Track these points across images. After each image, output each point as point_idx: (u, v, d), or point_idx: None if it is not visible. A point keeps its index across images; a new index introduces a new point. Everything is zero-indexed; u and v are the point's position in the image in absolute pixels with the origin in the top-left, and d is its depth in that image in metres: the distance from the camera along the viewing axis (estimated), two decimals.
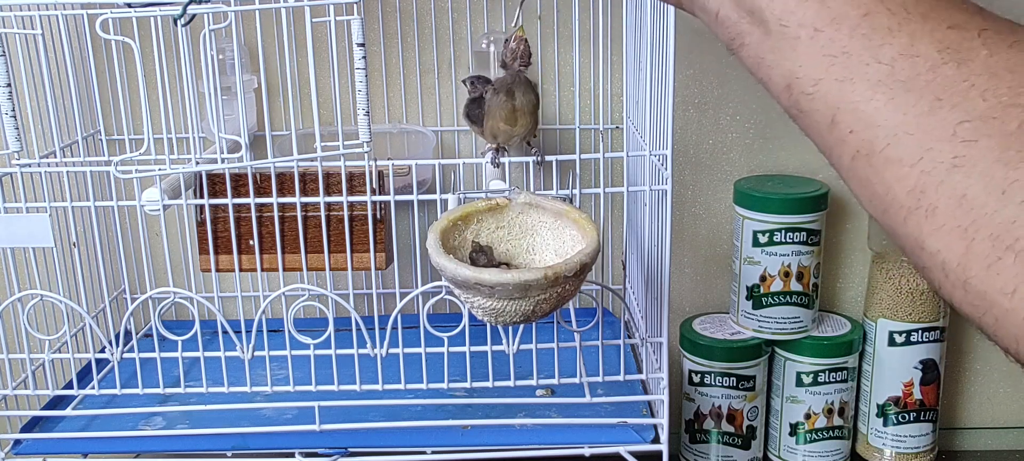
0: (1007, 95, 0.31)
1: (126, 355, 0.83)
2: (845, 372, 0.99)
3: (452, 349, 0.80)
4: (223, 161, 0.76)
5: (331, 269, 0.82)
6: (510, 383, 0.83)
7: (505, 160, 0.85)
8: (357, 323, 0.79)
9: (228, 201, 0.81)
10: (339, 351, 0.80)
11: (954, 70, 0.32)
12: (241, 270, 0.83)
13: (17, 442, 0.83)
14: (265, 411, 0.86)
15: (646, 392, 0.87)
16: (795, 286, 0.95)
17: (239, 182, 0.81)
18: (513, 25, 0.79)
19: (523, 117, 0.79)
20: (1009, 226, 0.30)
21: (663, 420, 0.81)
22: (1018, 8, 0.43)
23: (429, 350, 0.80)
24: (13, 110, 0.74)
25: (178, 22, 0.68)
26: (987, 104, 0.31)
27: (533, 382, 0.84)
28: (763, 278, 0.95)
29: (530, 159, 0.84)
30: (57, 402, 0.88)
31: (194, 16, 0.69)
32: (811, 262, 0.95)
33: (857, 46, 0.34)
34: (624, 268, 0.99)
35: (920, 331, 0.98)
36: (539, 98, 0.83)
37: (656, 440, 0.81)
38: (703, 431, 0.99)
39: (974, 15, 0.33)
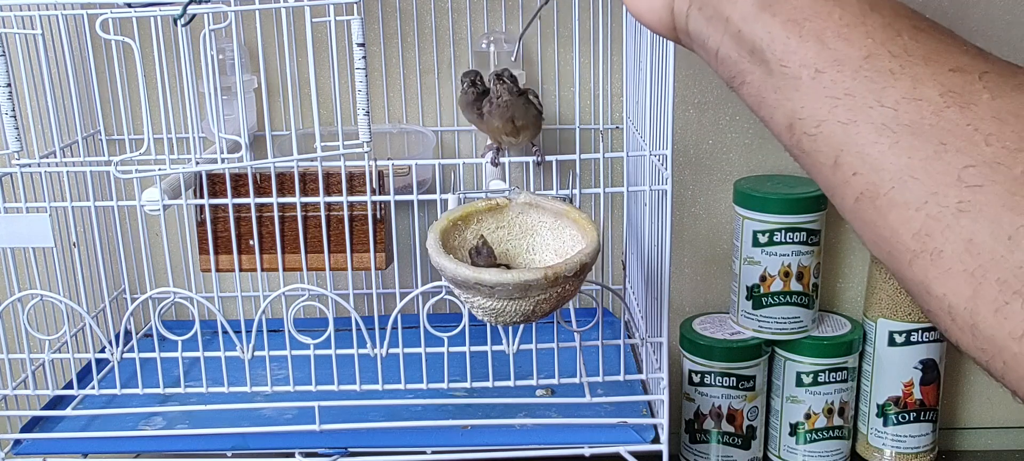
0: (1012, 140, 0.31)
1: (126, 355, 0.83)
2: (845, 372, 0.99)
3: (452, 349, 0.80)
4: (223, 161, 0.76)
5: (331, 269, 0.82)
6: (510, 383, 0.83)
7: (505, 160, 0.85)
8: (357, 323, 0.79)
9: (228, 201, 0.81)
10: (339, 351, 0.80)
11: (958, 114, 0.32)
12: (241, 270, 0.83)
13: (17, 442, 0.83)
14: (265, 411, 0.86)
15: (646, 392, 0.87)
16: (795, 286, 0.95)
17: (239, 182, 0.81)
18: (515, 56, 0.80)
19: (524, 131, 0.81)
20: (1017, 271, 0.30)
21: (663, 420, 0.81)
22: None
23: (429, 350, 0.80)
24: (13, 110, 0.74)
25: (178, 22, 0.68)
26: (992, 149, 0.31)
27: (533, 382, 0.84)
28: (763, 278, 0.95)
29: (530, 159, 0.84)
30: (57, 402, 0.88)
31: (194, 16, 0.69)
32: (811, 262, 0.95)
33: (860, 88, 0.34)
34: (624, 268, 0.99)
35: (920, 331, 0.98)
36: (540, 107, 0.83)
37: (656, 440, 0.81)
38: (703, 431, 0.99)
39: (975, 57, 0.33)
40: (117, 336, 0.83)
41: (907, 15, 0.35)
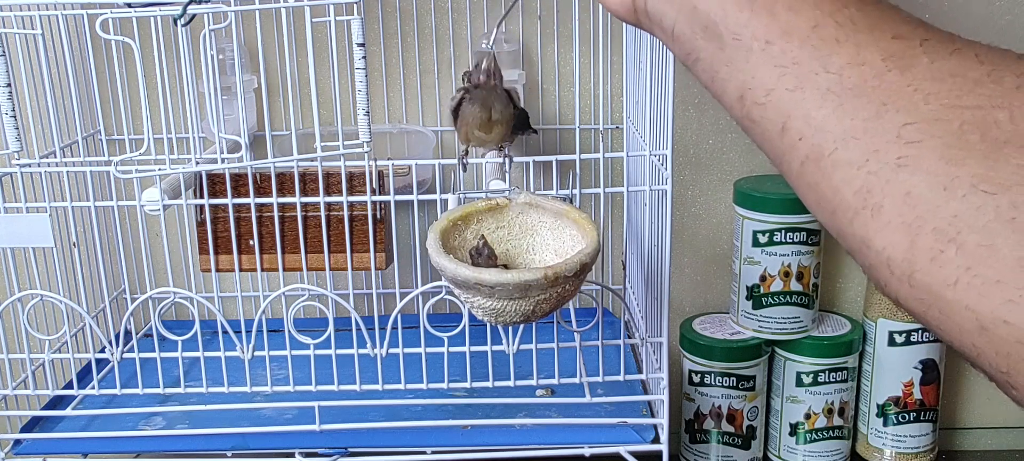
0: (949, 97, 0.32)
1: (126, 355, 0.83)
2: (845, 372, 0.99)
3: (452, 349, 0.80)
4: (223, 161, 0.76)
5: (331, 269, 0.82)
6: (510, 383, 0.83)
7: (473, 160, 0.85)
8: (357, 323, 0.79)
9: (228, 201, 0.81)
10: (339, 351, 0.80)
11: (898, 76, 0.33)
12: (241, 270, 0.83)
13: (17, 442, 0.83)
14: (265, 411, 0.86)
15: (646, 392, 0.87)
16: (795, 286, 0.95)
17: (239, 182, 0.81)
18: (489, 44, 0.79)
19: (498, 127, 0.80)
20: (951, 220, 0.31)
21: (663, 420, 0.81)
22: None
23: (429, 350, 0.80)
24: (13, 110, 0.74)
25: (178, 22, 0.68)
26: (930, 107, 0.32)
27: (533, 382, 0.84)
28: (763, 278, 0.95)
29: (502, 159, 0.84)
30: (57, 402, 0.88)
31: (194, 16, 0.69)
32: (811, 262, 0.95)
33: (806, 56, 0.35)
34: (624, 268, 0.99)
35: (920, 331, 0.98)
36: (516, 108, 0.83)
37: (656, 440, 0.81)
38: (703, 431, 0.99)
39: (916, 27, 0.35)
40: (117, 336, 0.83)
41: None
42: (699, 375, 0.97)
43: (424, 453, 0.83)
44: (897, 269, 0.33)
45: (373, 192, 0.80)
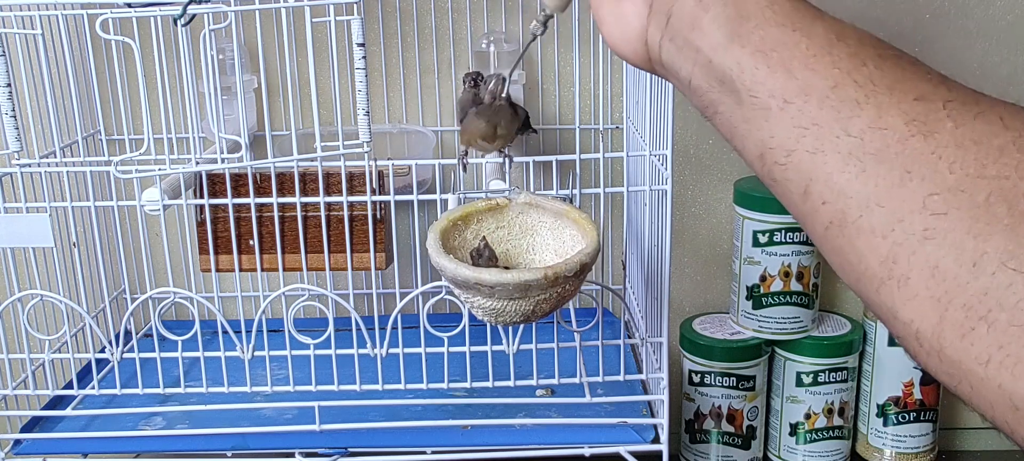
0: (974, 167, 0.31)
1: (126, 355, 0.83)
2: (845, 372, 0.99)
3: (452, 349, 0.80)
4: (223, 161, 0.76)
5: (331, 269, 0.82)
6: (510, 383, 0.83)
7: (473, 161, 0.85)
8: (357, 323, 0.79)
9: (228, 201, 0.81)
10: (339, 351, 0.80)
11: (922, 142, 0.32)
12: (241, 270, 0.83)
13: (17, 442, 0.83)
14: (265, 411, 0.86)
15: (646, 392, 0.87)
16: (795, 286, 0.95)
17: (239, 182, 0.81)
18: (510, 75, 0.79)
19: (500, 139, 0.80)
20: (982, 297, 0.30)
21: (663, 420, 0.81)
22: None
23: (429, 350, 0.80)
24: (13, 110, 0.74)
25: (178, 22, 0.68)
26: (955, 177, 0.31)
27: (533, 382, 0.84)
28: (763, 278, 0.95)
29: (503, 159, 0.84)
30: (57, 402, 0.88)
31: (194, 16, 0.69)
32: (811, 262, 0.95)
33: (827, 118, 0.34)
34: (624, 268, 0.99)
35: None
36: (520, 119, 0.83)
37: (656, 440, 0.81)
38: (703, 431, 0.99)
39: (938, 85, 0.34)
40: (117, 336, 0.83)
41: (872, 44, 0.36)
42: (699, 375, 0.97)
43: (424, 453, 0.83)
44: (926, 343, 0.32)
45: (373, 192, 0.80)
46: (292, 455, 0.82)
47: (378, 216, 0.82)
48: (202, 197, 0.81)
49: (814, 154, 0.35)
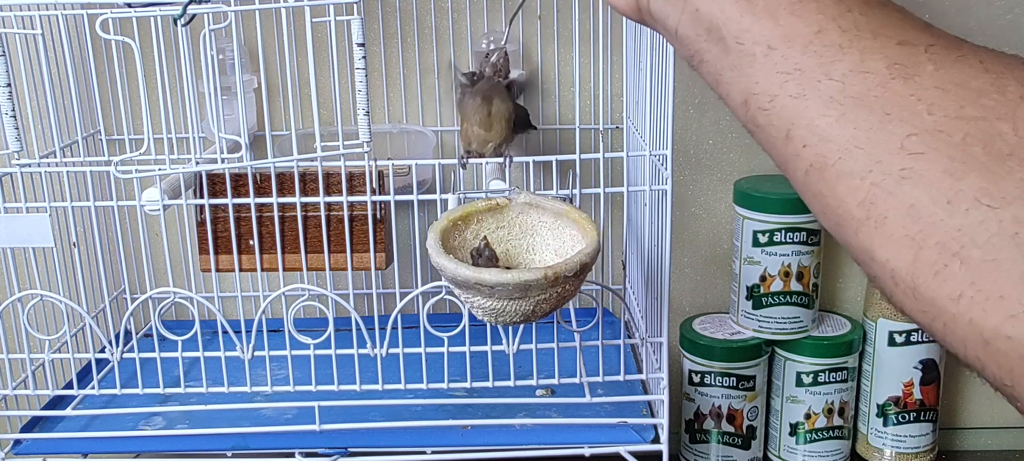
0: (952, 108, 0.32)
1: (126, 355, 0.83)
2: (845, 372, 0.99)
3: (452, 349, 0.80)
4: (223, 161, 0.76)
5: (331, 269, 0.82)
6: (510, 383, 0.83)
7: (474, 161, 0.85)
8: (357, 323, 0.79)
9: (228, 201, 0.81)
10: (339, 351, 0.80)
11: (902, 85, 0.33)
12: (241, 270, 0.83)
13: (17, 442, 0.83)
14: (265, 411, 0.86)
15: (646, 392, 0.87)
16: (795, 286, 0.95)
17: (239, 182, 0.81)
18: (503, 42, 0.79)
19: (498, 123, 0.80)
20: (955, 234, 0.31)
21: (663, 420, 0.81)
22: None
23: (429, 350, 0.80)
24: (13, 110, 0.74)
25: (178, 22, 0.68)
26: (933, 118, 0.32)
27: (533, 382, 0.84)
28: (763, 278, 0.95)
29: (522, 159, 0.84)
30: (57, 402, 0.88)
31: (194, 16, 0.69)
32: (811, 262, 0.95)
33: (810, 63, 0.35)
34: (624, 268, 0.99)
35: (920, 331, 0.98)
36: (514, 107, 0.83)
37: (656, 440, 0.81)
38: (703, 431, 0.99)
39: (922, 31, 0.34)
40: (117, 336, 0.83)
41: None
42: (699, 375, 0.97)
43: (424, 453, 0.83)
44: (901, 282, 0.33)
45: (373, 192, 0.80)
46: (292, 455, 0.82)
47: (378, 216, 0.82)
48: (202, 197, 0.81)
49: (796, 98, 0.35)
